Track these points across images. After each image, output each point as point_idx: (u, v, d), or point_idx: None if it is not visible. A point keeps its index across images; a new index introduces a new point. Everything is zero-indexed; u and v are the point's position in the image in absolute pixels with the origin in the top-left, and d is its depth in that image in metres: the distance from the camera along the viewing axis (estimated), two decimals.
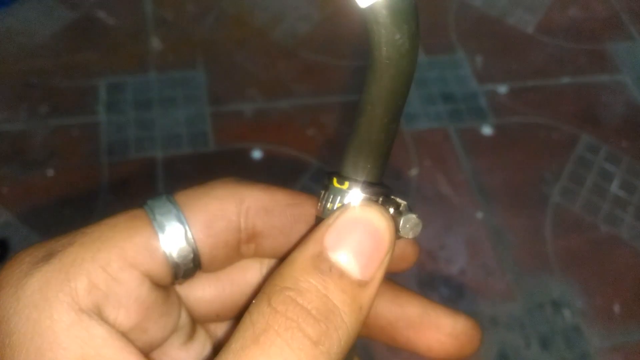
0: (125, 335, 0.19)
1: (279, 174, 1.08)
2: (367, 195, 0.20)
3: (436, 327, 0.24)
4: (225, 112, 1.14)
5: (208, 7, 1.26)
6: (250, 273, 0.24)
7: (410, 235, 0.21)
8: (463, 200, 1.10)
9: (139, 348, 0.19)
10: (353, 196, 0.20)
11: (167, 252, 0.20)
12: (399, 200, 0.21)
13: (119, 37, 1.21)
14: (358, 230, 0.18)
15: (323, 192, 0.21)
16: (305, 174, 1.07)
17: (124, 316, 0.19)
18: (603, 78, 1.32)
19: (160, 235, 0.20)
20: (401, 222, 0.20)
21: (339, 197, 0.20)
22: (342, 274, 0.18)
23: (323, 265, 0.18)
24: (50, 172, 1.03)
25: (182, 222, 0.20)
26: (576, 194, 1.14)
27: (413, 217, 0.21)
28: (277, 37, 1.25)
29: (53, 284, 0.18)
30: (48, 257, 0.18)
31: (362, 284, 0.18)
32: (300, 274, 0.18)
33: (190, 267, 0.21)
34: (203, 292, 0.23)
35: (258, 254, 0.23)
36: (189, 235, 0.20)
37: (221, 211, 0.21)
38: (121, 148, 1.07)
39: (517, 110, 1.23)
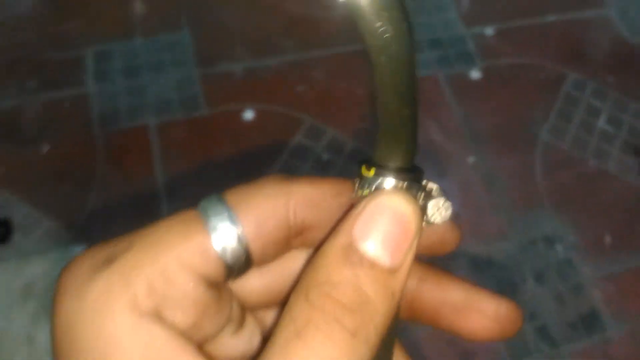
0: (182, 334, 0.19)
1: (272, 133, 1.08)
2: (394, 181, 0.20)
3: (479, 311, 0.24)
4: (215, 74, 1.13)
5: None
6: (299, 262, 0.24)
7: (439, 220, 0.21)
8: (455, 146, 1.12)
9: (195, 344, 0.20)
10: (380, 183, 0.20)
11: (221, 253, 0.21)
12: (430, 184, 0.22)
13: (102, 4, 1.19)
14: (384, 217, 0.19)
15: (357, 179, 0.21)
16: (299, 131, 1.08)
17: (181, 317, 0.20)
18: (588, 13, 1.31)
19: (214, 238, 0.20)
20: (429, 206, 0.21)
21: (367, 185, 0.21)
22: (372, 264, 0.18)
23: (354, 256, 0.18)
24: (45, 148, 1.02)
25: (234, 224, 0.21)
26: (564, 131, 1.16)
27: (441, 200, 0.21)
28: None
29: (115, 289, 0.18)
30: (108, 262, 0.19)
31: (392, 271, 0.19)
32: (333, 267, 0.18)
33: (243, 265, 0.22)
34: (254, 283, 0.24)
35: (307, 245, 0.24)
36: (241, 236, 0.21)
37: (271, 210, 0.22)
38: (113, 117, 1.06)
39: (504, 51, 1.23)
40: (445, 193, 0.21)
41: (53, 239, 0.91)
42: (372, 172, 0.20)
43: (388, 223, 0.19)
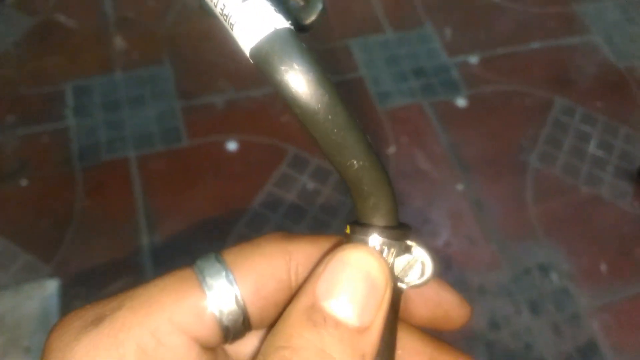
0: None
1: (256, 163, 1.07)
2: (363, 238, 0.19)
3: None
4: (196, 106, 1.13)
5: (169, 1, 1.25)
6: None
7: (416, 280, 0.20)
8: (442, 174, 1.10)
9: None
10: (355, 241, 0.19)
11: (217, 315, 0.19)
12: (413, 243, 0.20)
13: (82, 40, 1.20)
14: (348, 274, 0.18)
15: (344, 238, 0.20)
16: (283, 162, 1.07)
17: None
18: (573, 40, 1.32)
19: (210, 298, 0.19)
20: (401, 265, 0.20)
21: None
22: (337, 324, 0.17)
23: (316, 316, 0.17)
24: (23, 182, 1.01)
25: (231, 284, 0.20)
26: (554, 157, 1.14)
27: (420, 259, 0.20)
28: None
29: (101, 349, 0.18)
30: (97, 322, 0.18)
31: (361, 331, 0.17)
32: (294, 330, 0.17)
33: (240, 329, 0.20)
34: (253, 347, 0.22)
35: None
36: (239, 298, 0.20)
37: (271, 271, 0.21)
38: (93, 151, 1.05)
39: (489, 79, 1.23)
40: (427, 253, 0.20)
41: (30, 273, 0.89)
42: (347, 229, 0.19)
43: (352, 279, 0.17)
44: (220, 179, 1.05)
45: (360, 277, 0.17)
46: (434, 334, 0.23)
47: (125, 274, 0.92)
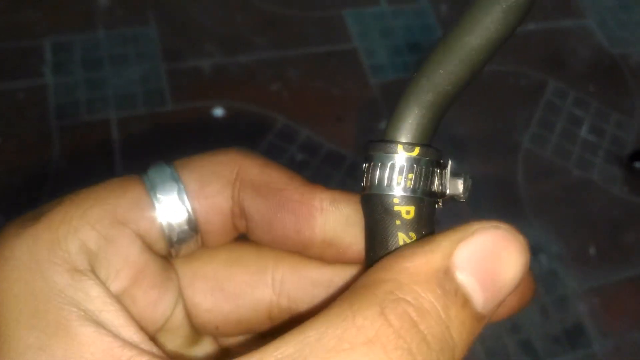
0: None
1: (243, 132, 1.03)
2: (389, 156, 0.18)
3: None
4: (182, 69, 1.09)
5: None
6: (259, 290, 0.22)
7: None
8: None
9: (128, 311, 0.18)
10: (402, 163, 0.18)
11: (159, 207, 0.19)
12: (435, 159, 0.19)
13: None
14: (495, 258, 0.16)
15: (367, 164, 0.18)
16: (272, 132, 1.04)
17: (113, 277, 0.19)
18: (568, 23, 1.31)
19: (151, 192, 0.19)
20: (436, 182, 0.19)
21: (388, 166, 0.18)
22: (465, 303, 0.16)
23: (448, 285, 0.16)
24: None
25: (175, 180, 0.20)
26: (546, 139, 1.13)
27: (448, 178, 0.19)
28: None
29: (42, 244, 0.17)
30: (37, 217, 0.18)
31: (479, 318, 0.16)
32: (422, 289, 0.16)
33: (185, 229, 0.20)
34: (205, 299, 0.22)
35: (250, 236, 0.22)
36: (182, 192, 0.20)
37: (215, 171, 0.20)
38: (71, 110, 1.01)
39: None
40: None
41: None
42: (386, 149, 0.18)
43: (497, 265, 0.16)
44: (206, 146, 1.00)
45: (504, 267, 0.16)
46: None
47: None
